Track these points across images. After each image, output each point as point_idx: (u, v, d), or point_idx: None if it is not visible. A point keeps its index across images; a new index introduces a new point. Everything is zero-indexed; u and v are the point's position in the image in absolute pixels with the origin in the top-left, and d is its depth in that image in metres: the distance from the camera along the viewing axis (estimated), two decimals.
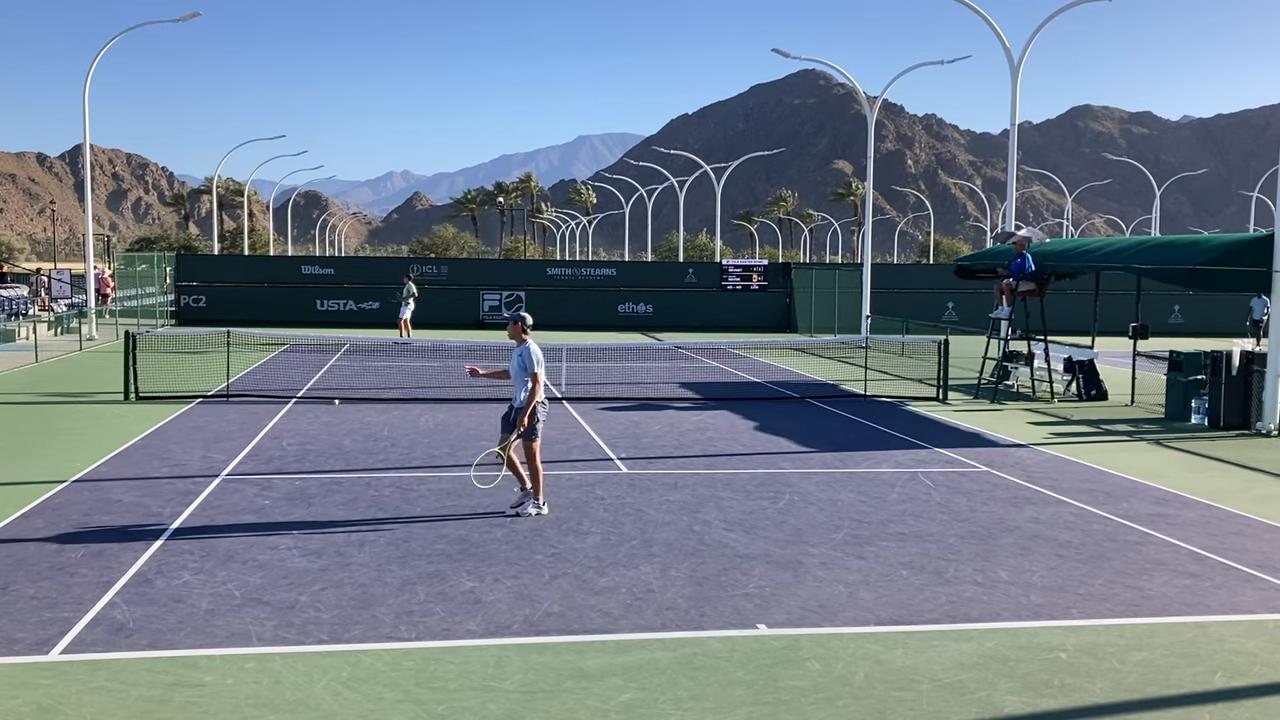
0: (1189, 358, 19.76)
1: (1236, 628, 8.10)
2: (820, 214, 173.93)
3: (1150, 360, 25.46)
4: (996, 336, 23.79)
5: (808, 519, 11.29)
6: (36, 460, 13.81)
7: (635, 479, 13.27)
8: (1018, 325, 23.03)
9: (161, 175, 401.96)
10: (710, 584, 8.91)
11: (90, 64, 35.34)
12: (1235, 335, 31.62)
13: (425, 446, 15.27)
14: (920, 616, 8.19)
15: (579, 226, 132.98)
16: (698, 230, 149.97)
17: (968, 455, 15.47)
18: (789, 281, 45.42)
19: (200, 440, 15.44)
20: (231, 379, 21.70)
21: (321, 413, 18.45)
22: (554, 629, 7.76)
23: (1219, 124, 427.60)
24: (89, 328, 33.34)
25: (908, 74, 41.44)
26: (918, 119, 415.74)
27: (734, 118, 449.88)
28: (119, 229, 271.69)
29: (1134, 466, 14.80)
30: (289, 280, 43.98)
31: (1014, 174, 29.18)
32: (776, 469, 14.10)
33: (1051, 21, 28.72)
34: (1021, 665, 7.22)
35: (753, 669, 7.08)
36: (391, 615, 7.99)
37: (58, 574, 8.83)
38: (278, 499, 11.81)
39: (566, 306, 43.65)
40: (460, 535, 10.33)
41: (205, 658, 7.08)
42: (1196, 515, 11.86)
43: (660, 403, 20.73)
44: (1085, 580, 9.23)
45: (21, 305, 41.45)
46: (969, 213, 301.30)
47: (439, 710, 6.34)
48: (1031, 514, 11.74)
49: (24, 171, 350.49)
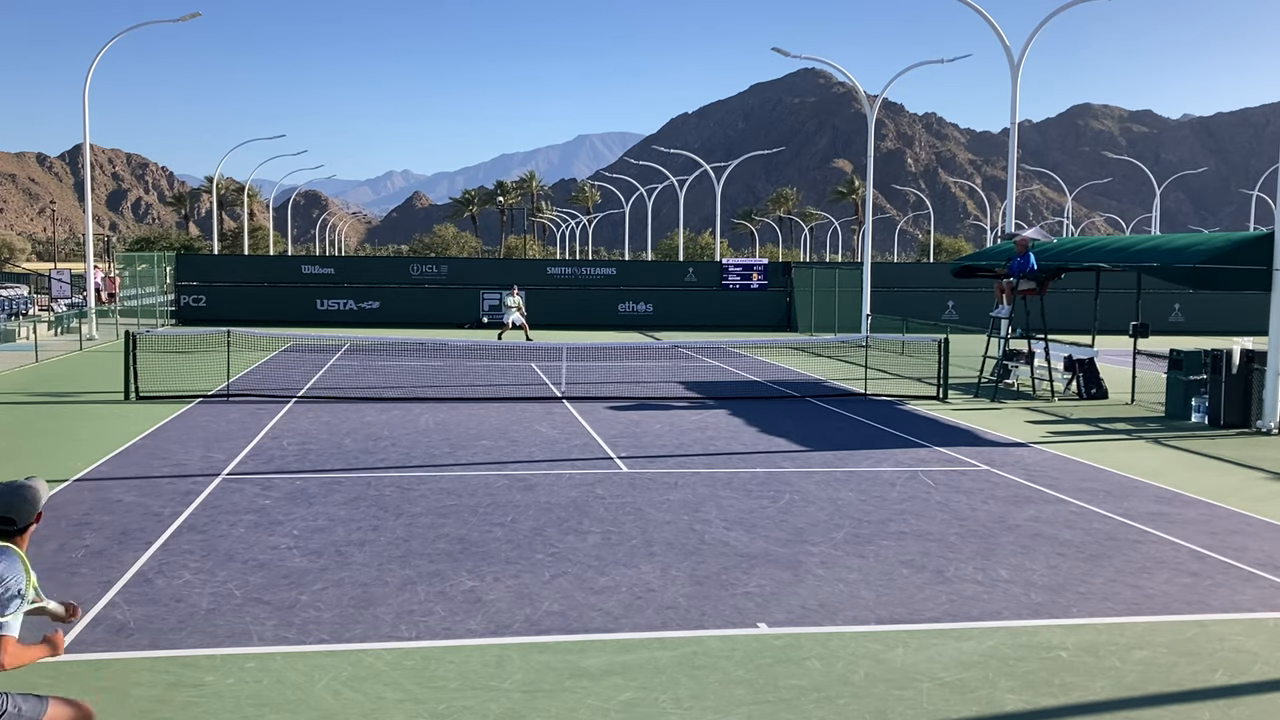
0: (1189, 356, 19.75)
1: (1237, 626, 8.10)
2: (820, 213, 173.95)
3: (1150, 359, 25.47)
4: (997, 335, 23.78)
5: (808, 518, 11.29)
6: (36, 460, 13.81)
7: (635, 478, 13.27)
8: (1018, 324, 23.02)
9: (161, 175, 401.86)
10: (710, 583, 8.91)
11: (90, 64, 35.34)
12: (1235, 335, 31.59)
13: (425, 446, 15.27)
14: (920, 615, 8.19)
15: (579, 226, 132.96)
16: (698, 230, 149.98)
17: (968, 454, 15.47)
18: (789, 281, 45.42)
19: (200, 440, 15.44)
20: (232, 379, 21.70)
21: (322, 412, 18.45)
22: (554, 628, 7.76)
23: (1219, 122, 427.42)
24: (89, 327, 33.33)
25: (908, 73, 41.42)
26: (918, 118, 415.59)
27: (734, 117, 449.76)
28: (119, 229, 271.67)
29: (1134, 465, 14.79)
30: (289, 280, 44.00)
31: (1014, 173, 29.17)
32: (777, 468, 14.10)
33: (1051, 20, 28.72)
34: (1022, 664, 7.22)
35: (753, 668, 7.08)
36: (392, 615, 7.98)
37: (58, 574, 8.83)
38: (278, 498, 11.81)
39: (567, 306, 43.67)
40: (460, 535, 10.33)
41: (206, 657, 7.08)
42: (1197, 514, 11.85)
43: (660, 402, 20.73)
44: (1086, 579, 9.23)
45: (21, 305, 41.46)
46: (969, 211, 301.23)
47: (439, 710, 6.34)
48: (1032, 513, 11.74)
49: (24, 171, 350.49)
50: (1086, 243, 23.72)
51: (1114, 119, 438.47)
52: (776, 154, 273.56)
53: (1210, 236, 21.71)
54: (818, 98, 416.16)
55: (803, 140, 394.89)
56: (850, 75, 38.65)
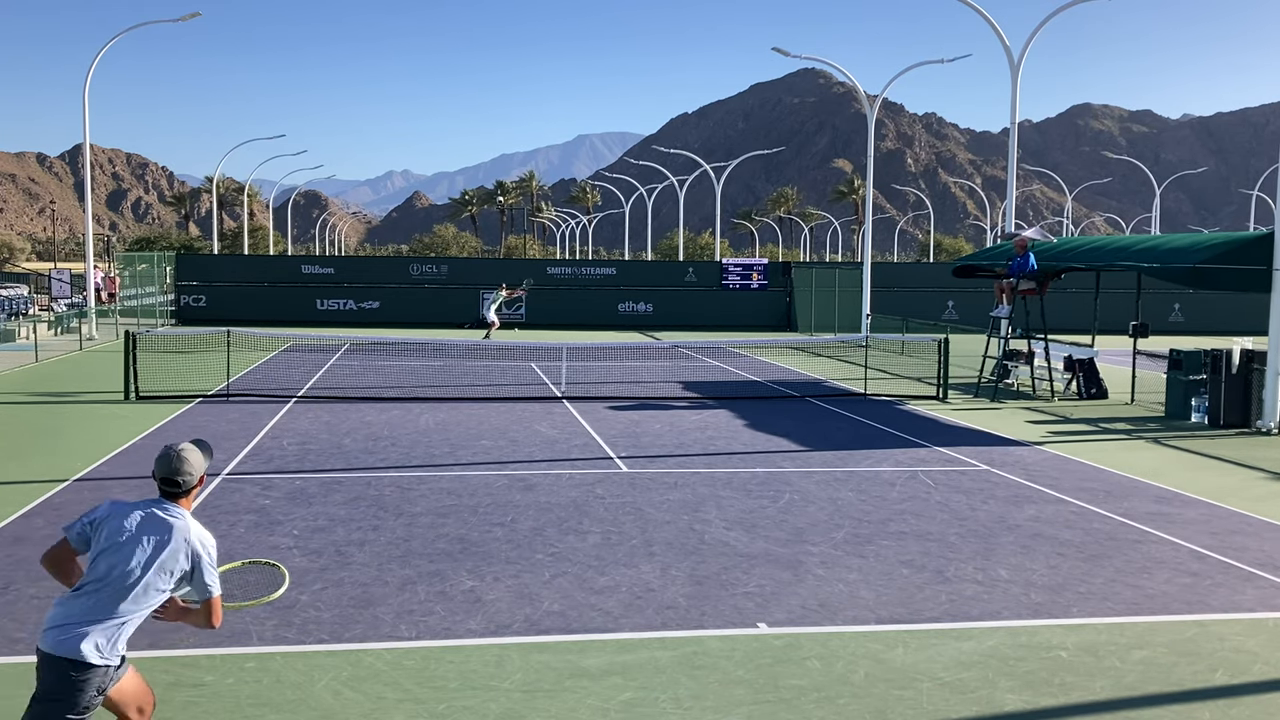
0: (1189, 356, 19.76)
1: (1237, 626, 8.09)
2: (820, 213, 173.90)
3: (1150, 359, 25.48)
4: (997, 335, 23.78)
5: (808, 518, 11.28)
6: (36, 460, 13.81)
7: (635, 478, 13.27)
8: (1018, 324, 23.03)
9: (161, 175, 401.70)
10: (710, 583, 8.91)
11: (90, 64, 35.34)
12: (1235, 335, 31.59)
13: (425, 446, 15.27)
14: (920, 615, 8.19)
15: (579, 226, 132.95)
16: (698, 230, 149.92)
17: (968, 454, 15.47)
18: (789, 280, 45.42)
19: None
20: (231, 379, 21.70)
21: (322, 412, 18.45)
22: (554, 628, 7.75)
23: (1219, 122, 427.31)
24: (89, 327, 33.33)
25: (908, 73, 41.42)
26: (918, 118, 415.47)
27: (734, 117, 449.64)
28: (119, 229, 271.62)
29: (1134, 465, 14.79)
30: (289, 280, 44.01)
31: (1014, 173, 29.17)
32: (777, 468, 14.10)
33: (1051, 20, 28.72)
34: (1022, 664, 7.22)
35: (753, 668, 7.08)
36: (392, 614, 7.98)
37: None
38: (278, 498, 11.81)
39: (567, 305, 43.68)
40: (460, 535, 10.33)
41: (205, 657, 7.08)
42: (1197, 514, 11.85)
43: (660, 402, 20.73)
44: (1086, 579, 9.23)
45: (21, 305, 41.45)
46: (969, 211, 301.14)
47: (439, 709, 6.34)
48: (1032, 513, 11.74)
49: (24, 171, 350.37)
50: (1086, 243, 23.72)
51: (1114, 119, 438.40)
52: (776, 154, 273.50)
53: (1210, 236, 21.71)
54: (818, 98, 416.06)
55: (803, 140, 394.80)
56: (850, 75, 38.65)
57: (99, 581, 4.77)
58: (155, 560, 4.78)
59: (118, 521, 4.84)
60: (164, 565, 4.80)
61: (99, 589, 4.77)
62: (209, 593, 4.91)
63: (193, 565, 4.85)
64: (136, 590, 4.77)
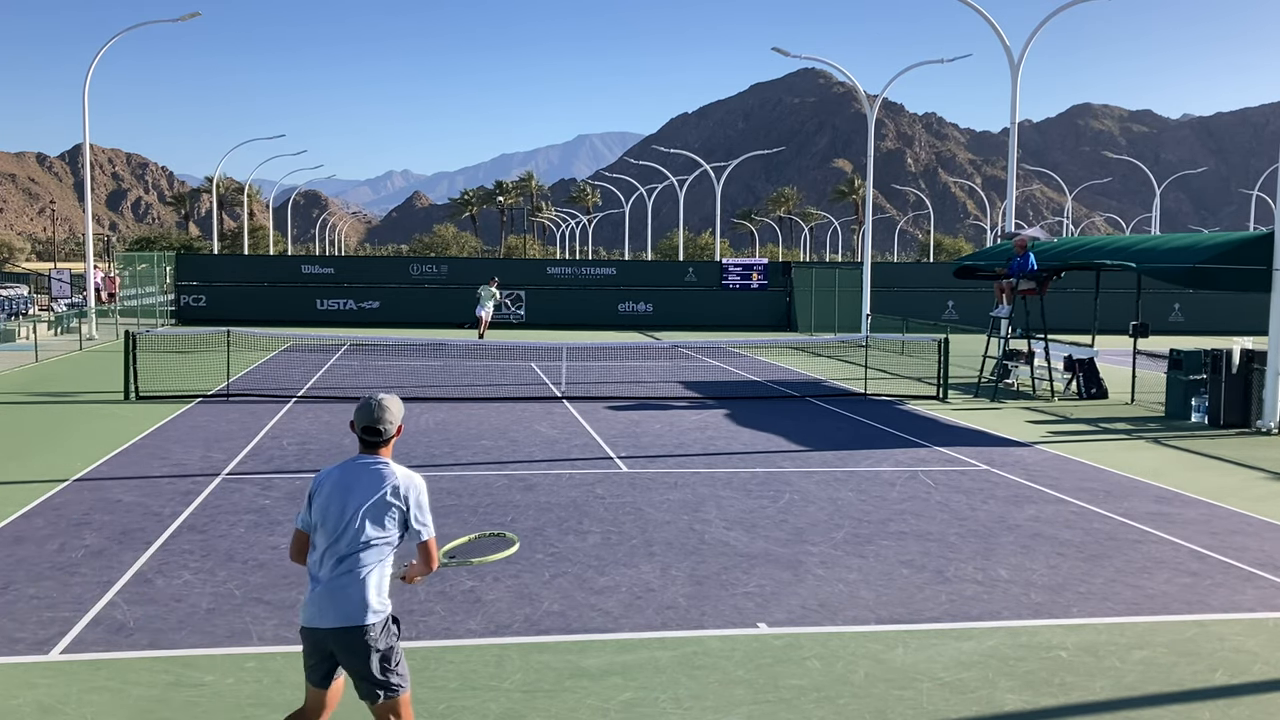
0: (1189, 356, 19.76)
1: (1237, 626, 8.09)
2: (820, 213, 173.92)
3: (1150, 359, 25.47)
4: (997, 335, 23.78)
5: (808, 518, 11.28)
6: (36, 460, 13.81)
7: (635, 478, 13.27)
8: (1018, 324, 23.02)
9: (161, 175, 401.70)
10: (710, 583, 8.91)
11: (90, 64, 35.34)
12: (1235, 335, 31.61)
13: (425, 446, 15.27)
14: (920, 615, 8.19)
15: (579, 226, 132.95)
16: (698, 229, 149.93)
17: (968, 454, 15.47)
18: (789, 280, 45.42)
19: (200, 440, 15.44)
20: (231, 379, 21.70)
21: (322, 412, 18.45)
22: (554, 628, 7.75)
23: (1219, 122, 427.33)
24: (89, 327, 33.33)
25: (908, 73, 41.43)
26: (918, 117, 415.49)
27: (734, 117, 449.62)
28: (119, 229, 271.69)
29: (1134, 465, 14.79)
30: (289, 280, 44.00)
31: (1014, 172, 29.17)
32: (776, 468, 14.10)
33: (1051, 20, 28.72)
34: (1022, 664, 7.22)
35: (753, 668, 7.08)
36: None
37: (58, 574, 8.83)
38: (278, 498, 11.81)
39: (567, 305, 43.68)
40: (460, 535, 10.31)
41: (206, 657, 7.08)
42: (1197, 514, 11.85)
43: (660, 402, 20.73)
44: (1086, 579, 9.23)
45: (21, 305, 41.46)
46: (969, 211, 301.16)
47: (439, 709, 6.34)
48: (1032, 513, 11.74)
49: (24, 171, 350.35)
50: (1086, 242, 23.72)
51: (1114, 119, 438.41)
52: (776, 154, 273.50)
53: (1210, 236, 21.71)
54: (818, 98, 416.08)
55: (803, 140, 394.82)
56: (850, 75, 38.65)
57: (331, 549, 4.88)
58: (369, 509, 4.90)
59: (326, 488, 4.99)
60: (378, 513, 4.91)
61: (334, 554, 4.87)
62: (422, 535, 5.00)
63: (406, 505, 4.97)
64: (361, 541, 4.86)
